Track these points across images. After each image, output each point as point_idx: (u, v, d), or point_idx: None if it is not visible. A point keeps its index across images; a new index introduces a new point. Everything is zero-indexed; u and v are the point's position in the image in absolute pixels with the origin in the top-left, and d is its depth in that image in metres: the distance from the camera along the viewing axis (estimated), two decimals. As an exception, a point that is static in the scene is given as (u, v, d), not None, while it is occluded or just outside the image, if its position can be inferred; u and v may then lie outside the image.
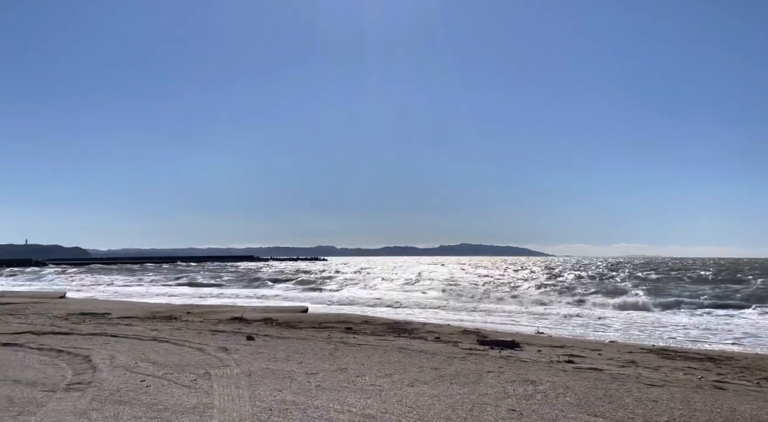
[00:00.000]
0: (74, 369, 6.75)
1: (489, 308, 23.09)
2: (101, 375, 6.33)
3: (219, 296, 29.94)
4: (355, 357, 7.91)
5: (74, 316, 14.98)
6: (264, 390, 5.75)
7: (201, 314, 17.23)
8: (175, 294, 31.54)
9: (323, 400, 5.35)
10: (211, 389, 5.76)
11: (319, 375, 6.52)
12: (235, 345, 8.97)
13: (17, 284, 42.09)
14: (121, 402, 5.24)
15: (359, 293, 31.67)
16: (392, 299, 26.96)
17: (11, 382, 5.98)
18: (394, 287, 36.81)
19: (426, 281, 41.80)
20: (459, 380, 6.36)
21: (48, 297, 25.75)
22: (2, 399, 5.28)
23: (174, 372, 6.58)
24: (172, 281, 42.34)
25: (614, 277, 46.87)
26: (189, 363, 7.24)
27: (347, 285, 37.67)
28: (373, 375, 6.55)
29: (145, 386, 5.88)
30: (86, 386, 5.84)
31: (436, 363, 7.50)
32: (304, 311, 20.51)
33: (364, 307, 23.29)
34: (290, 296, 30.31)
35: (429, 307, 23.57)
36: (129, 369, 6.73)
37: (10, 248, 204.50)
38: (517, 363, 7.86)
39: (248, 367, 6.95)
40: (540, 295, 28.66)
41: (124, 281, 45.57)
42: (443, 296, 29.28)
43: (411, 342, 10.48)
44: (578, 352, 10.00)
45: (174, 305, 22.18)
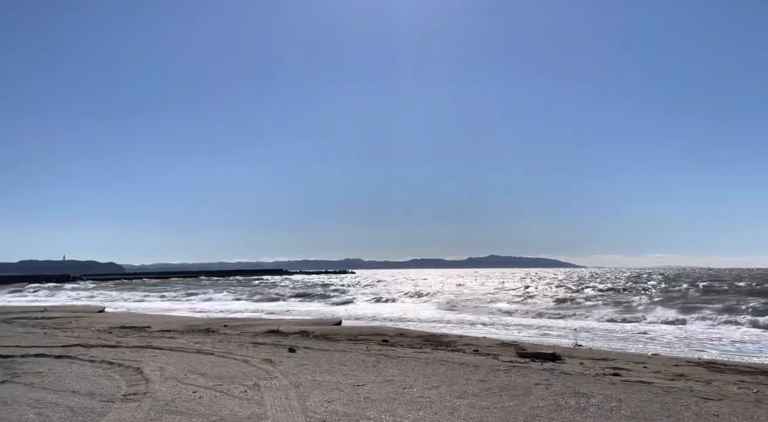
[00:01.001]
0: (127, 380, 6.92)
1: (520, 321, 22.79)
2: (155, 387, 6.48)
3: (243, 312, 30.25)
4: (398, 369, 7.92)
5: (116, 329, 15.35)
6: (314, 401, 5.80)
7: (237, 327, 17.44)
8: (205, 310, 32.00)
9: (374, 412, 5.37)
10: (262, 400, 5.84)
11: (367, 387, 6.55)
12: (279, 357, 9.07)
13: (58, 300, 43.29)
14: (177, 412, 5.35)
15: (380, 308, 31.66)
16: (416, 312, 26.84)
17: (70, 393, 6.17)
18: (417, 300, 36.63)
19: (449, 294, 41.53)
20: (507, 392, 6.30)
21: (88, 311, 26.43)
22: (65, 409, 5.45)
23: (224, 384, 6.69)
24: (194, 297, 42.84)
25: (648, 288, 45.73)
26: (236, 374, 7.35)
27: (368, 299, 37.51)
28: (420, 387, 6.55)
29: (198, 397, 5.99)
30: (142, 396, 5.98)
31: (481, 376, 7.45)
32: (338, 323, 20.58)
33: (391, 321, 23.22)
34: (311, 310, 30.41)
35: (455, 321, 23.39)
36: (180, 381, 6.87)
37: (49, 263, 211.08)
38: (563, 376, 7.74)
39: (295, 379, 7.02)
40: (572, 307, 28.17)
41: (156, 295, 46.39)
42: (468, 309, 29.01)
43: (450, 355, 10.42)
44: (622, 365, 9.80)
45: (210, 318, 22.52)
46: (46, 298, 45.22)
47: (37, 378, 7.02)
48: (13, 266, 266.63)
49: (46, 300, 41.08)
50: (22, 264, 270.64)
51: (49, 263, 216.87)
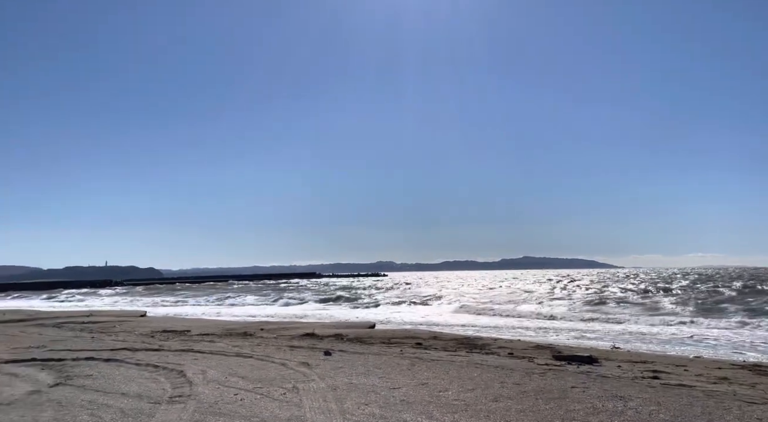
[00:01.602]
0: (172, 383, 7.19)
1: (553, 324, 22.48)
2: (198, 389, 6.72)
3: (273, 316, 30.69)
4: (433, 372, 7.98)
5: (158, 333, 15.85)
6: (351, 403, 5.93)
7: (274, 330, 17.77)
8: (240, 313, 32.62)
9: (411, 414, 5.46)
10: (300, 402, 6.00)
11: (402, 390, 6.64)
12: (315, 360, 9.26)
13: (103, 304, 44.79)
14: (220, 414, 5.56)
15: (408, 311, 31.62)
16: (445, 315, 26.75)
17: (120, 395, 6.46)
18: (443, 302, 36.42)
19: (477, 296, 41.17)
20: (544, 395, 6.30)
21: (131, 316, 27.32)
22: (116, 410, 5.72)
23: (263, 387, 6.89)
24: (228, 301, 43.59)
25: (687, 289, 44.38)
26: (275, 377, 7.55)
27: (396, 302, 37.39)
28: (456, 390, 6.61)
29: (239, 399, 6.20)
30: (186, 399, 6.22)
31: (517, 379, 7.45)
32: (371, 327, 20.73)
33: (421, 324, 23.22)
34: (341, 314, 30.63)
35: (488, 325, 23.22)
36: (221, 384, 7.11)
37: (92, 269, 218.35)
38: (600, 379, 7.67)
39: (332, 381, 7.17)
40: (608, 308, 27.62)
41: (192, 299, 47.43)
42: (498, 311, 28.74)
43: (485, 358, 10.42)
44: (662, 368, 9.62)
45: (246, 322, 22.97)
46: (76, 303, 46.84)
47: (89, 381, 7.36)
48: (59, 272, 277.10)
49: (94, 305, 42.54)
50: (68, 270, 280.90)
51: (93, 268, 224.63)
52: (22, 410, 5.77)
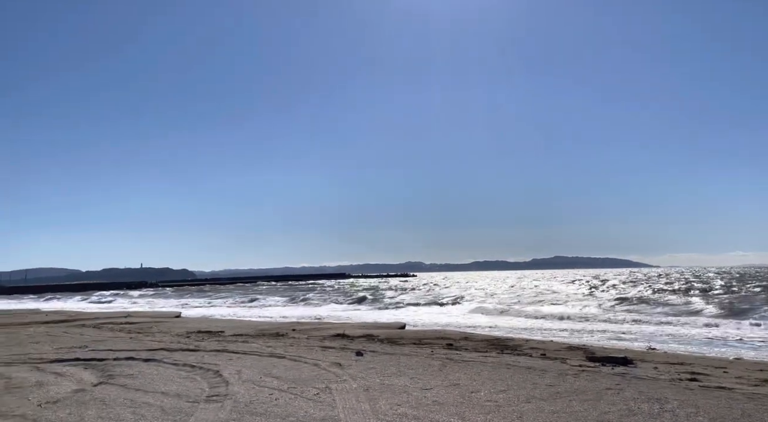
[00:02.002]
0: (209, 382, 7.38)
1: (585, 325, 22.10)
2: (234, 389, 6.89)
3: (301, 317, 30.95)
4: (464, 373, 7.99)
5: (193, 334, 16.21)
6: (383, 404, 5.99)
7: (305, 331, 17.98)
8: (271, 314, 33.04)
9: (443, 415, 5.50)
10: (334, 402, 6.09)
11: (434, 391, 6.67)
12: (347, 360, 9.36)
13: (133, 305, 45.98)
14: (256, 413, 5.69)
15: (433, 312, 31.48)
16: (471, 315, 26.55)
17: (160, 394, 6.67)
18: (469, 302, 36.10)
19: (506, 296, 40.72)
20: (577, 397, 6.25)
21: (166, 317, 27.99)
22: (156, 409, 5.92)
23: (297, 387, 7.01)
24: (259, 302, 44.10)
25: (727, 288, 43.02)
26: (308, 377, 7.67)
27: (422, 303, 37.15)
28: (488, 391, 6.60)
29: (274, 399, 6.33)
30: (223, 398, 6.39)
31: (550, 380, 7.39)
32: (401, 327, 20.77)
33: (452, 326, 23.13)
34: (369, 315, 30.70)
35: (519, 326, 22.98)
36: (256, 383, 7.26)
37: (127, 271, 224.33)
38: (636, 381, 7.55)
39: (364, 382, 7.25)
40: (643, 308, 27.01)
41: (223, 300, 48.25)
42: (526, 312, 28.39)
43: (517, 359, 10.35)
44: (700, 370, 9.39)
45: (278, 322, 23.29)
46: (107, 304, 48.15)
47: (130, 380, 7.61)
48: (97, 273, 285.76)
49: (132, 305, 43.73)
50: (105, 272, 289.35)
51: (129, 270, 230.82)
52: (69, 408, 6.02)
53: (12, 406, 6.14)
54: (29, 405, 6.16)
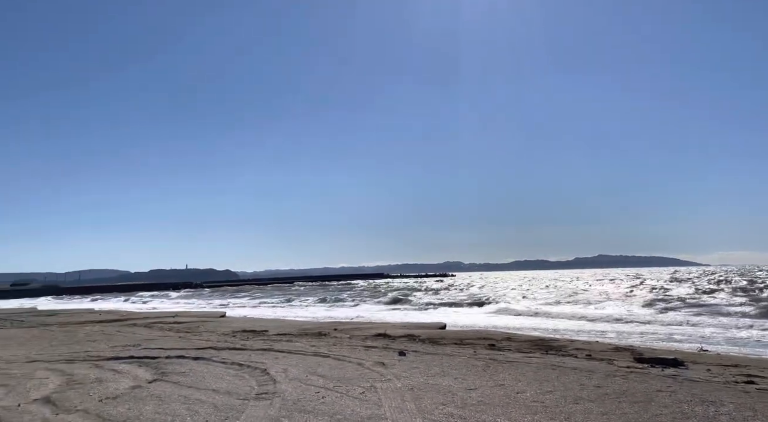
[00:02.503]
0: (257, 380, 7.59)
1: (625, 327, 21.48)
2: (281, 387, 7.06)
3: (339, 317, 31.15)
4: (509, 374, 7.94)
5: (239, 333, 16.63)
6: (429, 403, 6.03)
7: (347, 330, 18.16)
8: (310, 314, 33.44)
9: (489, 415, 5.49)
10: (379, 401, 6.17)
11: (479, 391, 6.66)
12: (390, 359, 9.43)
13: (172, 305, 47.38)
14: (305, 411, 5.82)
15: (449, 313, 31.12)
16: (508, 316, 26.15)
17: (211, 391, 6.90)
18: (504, 304, 35.49)
19: (540, 295, 39.92)
20: (626, 398, 6.13)
21: (211, 316, 28.77)
22: (209, 405, 6.13)
23: (342, 385, 7.13)
24: (299, 302, 44.61)
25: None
26: (353, 376, 7.78)
27: (446, 303, 36.63)
28: (534, 392, 6.55)
29: (321, 397, 6.45)
30: (272, 396, 6.56)
31: (597, 381, 7.27)
32: (442, 327, 20.71)
33: (493, 327, 22.88)
34: (407, 315, 30.63)
35: (561, 327, 22.53)
36: (302, 382, 7.42)
37: (173, 272, 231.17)
38: (688, 383, 7.33)
39: (408, 381, 7.30)
40: (692, 308, 26.05)
41: (264, 300, 49.12)
42: (567, 312, 27.78)
43: (562, 360, 10.20)
44: (757, 372, 9.02)
45: (320, 322, 23.60)
46: (149, 304, 49.69)
47: (182, 377, 7.90)
48: (144, 274, 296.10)
49: (177, 304, 45.13)
50: (152, 273, 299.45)
51: (174, 271, 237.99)
52: (128, 403, 6.30)
53: (75, 401, 6.48)
54: (91, 401, 6.48)
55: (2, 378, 8.31)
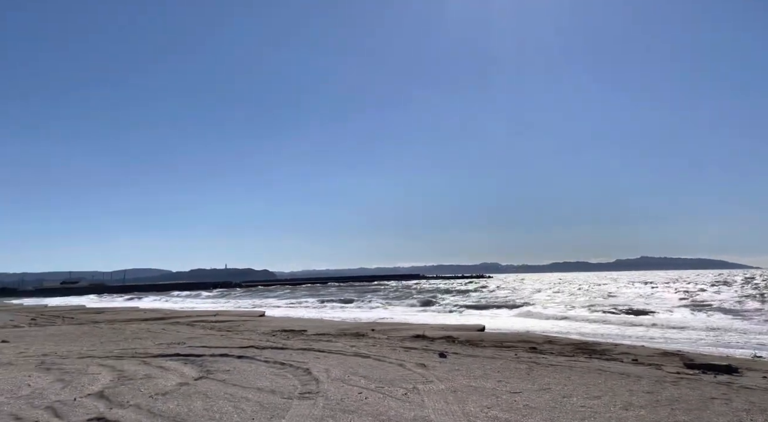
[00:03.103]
0: (300, 380, 7.67)
1: (668, 333, 20.74)
2: (324, 386, 7.11)
3: (373, 318, 31.12)
4: (553, 377, 7.78)
5: (279, 333, 16.86)
6: (473, 406, 5.97)
7: (384, 331, 18.18)
8: (346, 315, 33.57)
9: (535, 419, 5.39)
10: (423, 403, 6.14)
11: (524, 395, 6.55)
12: (431, 361, 9.39)
13: (226, 303, 48.41)
14: (348, 411, 5.85)
15: (472, 315, 30.59)
16: (546, 321, 25.60)
17: (255, 389, 7.01)
18: (534, 306, 34.73)
19: (577, 298, 38.94)
20: (679, 405, 5.92)
21: (251, 316, 29.29)
22: (254, 404, 6.23)
23: (384, 386, 7.13)
24: (336, 302, 44.79)
25: None
26: (394, 377, 7.77)
27: (475, 305, 35.97)
28: (580, 397, 6.40)
29: (364, 398, 6.47)
30: (315, 395, 6.61)
31: (647, 387, 7.04)
32: (481, 329, 20.49)
33: (540, 330, 22.47)
34: (441, 317, 30.36)
35: (601, 331, 21.94)
36: (344, 382, 7.45)
37: (213, 272, 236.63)
38: (744, 391, 7.03)
39: (451, 384, 7.24)
40: (738, 313, 24.98)
41: (300, 300, 49.60)
42: (607, 316, 27.01)
43: (607, 364, 9.94)
44: (818, 381, 8.58)
45: (357, 322, 23.71)
46: (181, 303, 50.82)
47: (227, 375, 8.06)
48: (185, 274, 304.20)
49: (220, 303, 46.16)
50: (193, 273, 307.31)
51: (214, 271, 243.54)
52: (177, 400, 6.46)
53: (127, 397, 6.68)
54: (142, 396, 6.68)
55: (58, 372, 8.65)
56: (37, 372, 8.79)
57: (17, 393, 7.06)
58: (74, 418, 5.69)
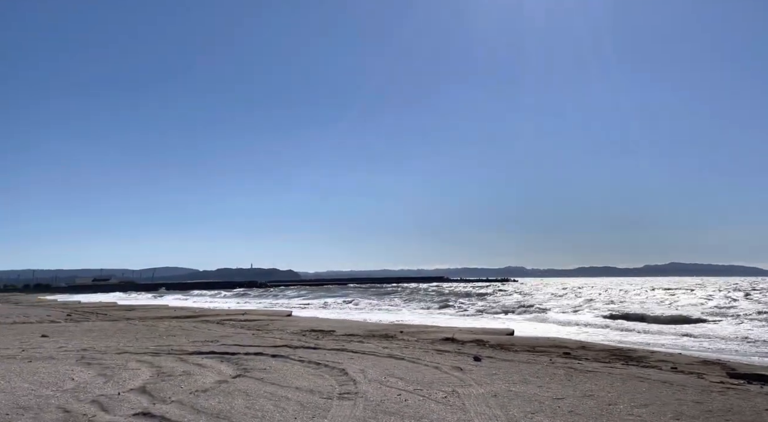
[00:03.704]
0: (337, 380, 7.65)
1: (702, 343, 20.13)
2: (362, 387, 7.08)
3: (396, 321, 30.93)
4: (595, 384, 7.61)
5: (308, 332, 16.93)
6: (516, 412, 5.86)
7: (413, 333, 18.10)
8: (372, 317, 33.50)
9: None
10: (464, 407, 6.05)
11: (567, 401, 6.42)
12: (466, 364, 9.28)
13: (255, 303, 48.91)
14: (389, 412, 5.80)
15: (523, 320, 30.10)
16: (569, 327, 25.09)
17: (294, 389, 7.02)
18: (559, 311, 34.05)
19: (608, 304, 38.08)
20: (734, 417, 5.71)
21: (279, 315, 29.50)
22: (295, 403, 6.23)
23: (423, 389, 7.06)
24: (349, 305, 44.78)
25: None
26: (432, 380, 7.70)
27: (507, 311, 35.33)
28: (627, 405, 6.23)
29: (404, 399, 6.41)
30: (354, 396, 6.59)
31: (695, 396, 6.83)
32: (510, 333, 20.25)
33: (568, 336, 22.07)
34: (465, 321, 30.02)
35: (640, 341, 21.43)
36: (382, 383, 7.41)
37: (239, 271, 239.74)
38: (797, 403, 6.75)
39: (490, 388, 7.14)
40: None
41: (322, 301, 49.63)
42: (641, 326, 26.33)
43: (646, 371, 9.69)
44: None
45: (384, 324, 23.65)
46: (236, 301, 51.38)
47: (264, 374, 8.09)
48: (212, 273, 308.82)
49: (247, 303, 46.67)
50: (219, 272, 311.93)
51: (240, 270, 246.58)
52: (218, 397, 6.51)
53: (168, 393, 6.76)
54: (183, 393, 6.75)
55: (99, 367, 8.82)
56: (79, 366, 8.98)
57: (62, 386, 7.21)
58: (120, 412, 5.77)
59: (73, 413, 5.73)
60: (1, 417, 5.58)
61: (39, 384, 7.32)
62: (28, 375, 8.08)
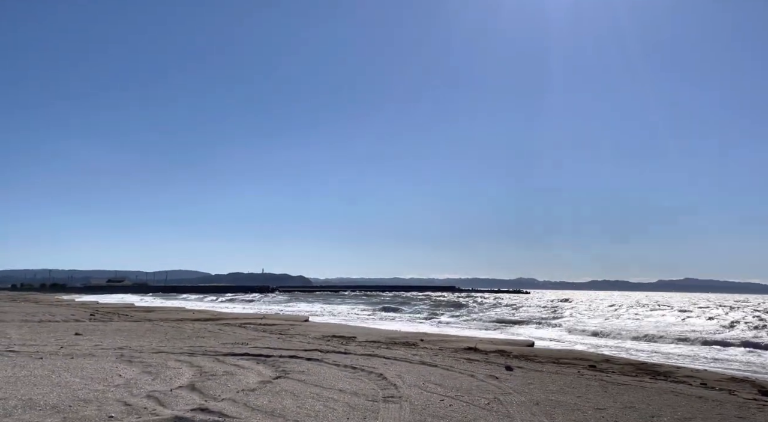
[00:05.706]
0: (377, 384, 7.82)
1: (722, 356, 19.97)
2: (404, 391, 7.24)
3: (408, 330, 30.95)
4: (633, 396, 7.69)
5: (331, 338, 17.10)
6: (561, 419, 5.98)
7: (434, 342, 18.19)
8: (388, 325, 33.57)
9: (631, 436, 5.37)
10: (509, 413, 6.19)
11: (609, 411, 6.52)
12: (500, 373, 9.40)
13: (269, 307, 49.22)
14: (437, 416, 5.95)
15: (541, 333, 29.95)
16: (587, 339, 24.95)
17: (338, 391, 7.19)
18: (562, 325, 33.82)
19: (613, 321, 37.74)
20: (778, 432, 5.78)
21: (296, 320, 29.70)
22: (343, 404, 6.41)
23: (463, 395, 7.20)
24: (370, 310, 45.00)
25: None
26: (470, 387, 7.83)
27: (515, 322, 35.35)
28: (670, 418, 6.33)
29: (448, 405, 6.56)
30: (398, 399, 6.75)
31: (735, 412, 6.90)
32: (530, 345, 20.25)
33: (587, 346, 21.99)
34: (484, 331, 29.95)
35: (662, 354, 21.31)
36: (422, 389, 7.56)
37: (250, 276, 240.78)
38: (838, 421, 6.79)
39: (530, 396, 7.26)
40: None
41: (340, 308, 49.87)
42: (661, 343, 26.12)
43: (676, 387, 9.72)
44: None
45: (403, 332, 23.74)
46: (250, 306, 51.72)
47: (303, 376, 8.28)
48: (223, 277, 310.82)
49: (261, 307, 46.99)
50: (230, 276, 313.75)
51: (251, 275, 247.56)
52: (266, 396, 6.71)
53: (217, 391, 6.97)
54: (230, 392, 6.95)
55: (141, 365, 9.06)
56: (121, 364, 9.24)
57: (112, 382, 7.46)
58: (177, 407, 5.98)
59: (134, 406, 5.95)
60: (66, 407, 5.83)
61: (90, 380, 7.57)
62: (75, 370, 8.35)
